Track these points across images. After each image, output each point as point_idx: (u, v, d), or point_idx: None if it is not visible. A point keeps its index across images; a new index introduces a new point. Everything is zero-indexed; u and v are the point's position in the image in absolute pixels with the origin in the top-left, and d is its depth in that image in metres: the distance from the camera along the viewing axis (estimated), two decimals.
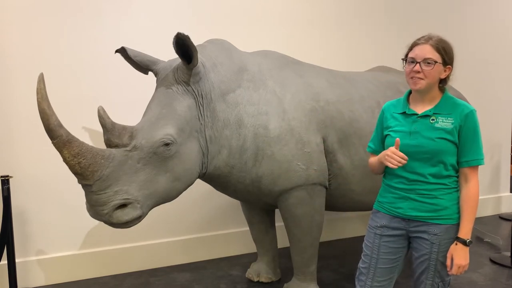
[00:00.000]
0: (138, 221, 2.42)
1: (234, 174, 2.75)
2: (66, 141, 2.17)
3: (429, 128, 1.93)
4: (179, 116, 2.49)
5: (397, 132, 2.01)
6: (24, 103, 3.37)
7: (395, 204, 2.03)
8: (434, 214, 1.94)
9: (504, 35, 5.58)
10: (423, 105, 2.00)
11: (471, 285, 3.38)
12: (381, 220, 2.08)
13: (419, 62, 1.90)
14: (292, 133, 2.76)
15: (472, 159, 1.92)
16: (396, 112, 2.07)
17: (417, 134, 1.94)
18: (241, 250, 4.20)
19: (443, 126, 1.91)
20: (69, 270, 3.58)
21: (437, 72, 1.92)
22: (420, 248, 1.99)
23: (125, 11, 3.63)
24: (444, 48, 1.93)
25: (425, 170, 1.93)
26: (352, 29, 4.56)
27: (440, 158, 1.91)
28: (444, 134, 1.90)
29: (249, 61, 2.88)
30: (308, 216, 2.90)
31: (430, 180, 1.93)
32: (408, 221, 2.01)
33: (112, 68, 3.55)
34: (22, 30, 3.35)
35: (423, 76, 1.90)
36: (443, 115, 1.94)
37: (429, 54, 1.90)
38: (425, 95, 1.98)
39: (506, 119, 5.68)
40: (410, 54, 1.96)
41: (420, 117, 1.97)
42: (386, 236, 2.06)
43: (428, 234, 1.95)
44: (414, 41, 1.99)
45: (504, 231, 4.83)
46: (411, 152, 1.93)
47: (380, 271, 2.08)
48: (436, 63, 1.90)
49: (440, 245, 1.94)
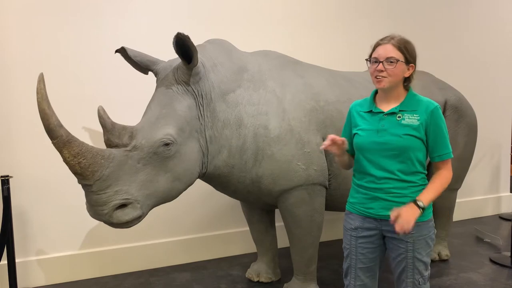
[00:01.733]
0: (138, 221, 2.42)
1: (234, 174, 2.75)
2: (66, 141, 2.17)
3: (396, 125, 1.98)
4: (179, 116, 2.49)
5: (364, 130, 2.05)
6: (24, 103, 3.37)
7: (366, 204, 2.06)
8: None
9: (504, 35, 5.58)
10: (388, 103, 2.04)
11: (471, 285, 3.38)
12: (354, 222, 2.11)
13: (381, 61, 1.95)
14: (292, 133, 2.76)
15: (444, 153, 1.99)
16: (362, 111, 2.11)
17: (384, 132, 1.99)
18: (241, 250, 4.20)
19: (410, 122, 1.96)
20: (69, 270, 3.58)
21: (400, 70, 1.96)
22: (396, 248, 2.03)
23: (125, 11, 3.63)
24: (406, 47, 1.98)
25: (393, 167, 1.97)
26: (352, 29, 4.56)
27: (407, 155, 1.96)
28: (410, 131, 1.95)
29: (249, 61, 2.88)
30: (308, 216, 2.90)
31: (399, 177, 1.97)
32: (381, 221, 2.04)
33: (112, 68, 3.55)
34: (22, 30, 3.35)
35: (386, 74, 1.95)
36: (408, 112, 1.99)
37: (391, 53, 1.95)
38: (390, 93, 2.02)
39: (506, 119, 5.68)
40: (373, 54, 2.01)
41: (387, 115, 2.01)
42: (361, 237, 2.09)
43: (402, 234, 1.98)
44: (377, 41, 2.04)
45: (504, 231, 4.83)
46: (379, 149, 1.99)
47: (361, 270, 2.12)
48: (398, 62, 1.94)
49: (414, 243, 1.98)
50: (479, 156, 5.34)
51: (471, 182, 5.34)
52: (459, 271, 3.67)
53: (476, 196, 5.52)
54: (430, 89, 3.69)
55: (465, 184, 4.36)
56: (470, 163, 3.95)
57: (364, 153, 2.05)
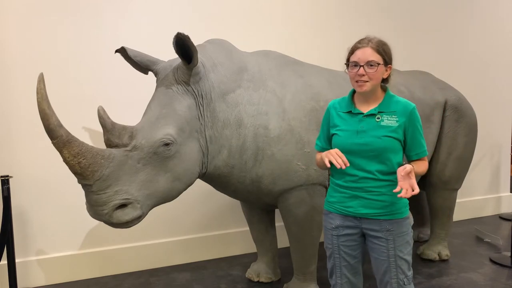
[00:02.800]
0: (138, 221, 2.42)
1: (234, 174, 2.75)
2: (66, 141, 2.17)
3: (375, 127, 2.01)
4: (179, 116, 2.49)
5: (344, 131, 2.06)
6: (24, 103, 3.37)
7: (345, 203, 2.08)
8: (383, 210, 2.01)
9: (505, 35, 5.58)
10: (367, 104, 2.06)
11: (471, 285, 3.38)
12: (334, 221, 2.13)
13: (362, 65, 1.96)
14: (292, 133, 2.76)
15: (421, 151, 2.05)
16: (342, 111, 2.12)
17: (364, 133, 2.01)
18: (241, 250, 4.20)
19: (388, 124, 2.00)
20: (69, 270, 3.58)
21: (380, 73, 1.99)
22: (377, 247, 2.05)
23: (125, 11, 3.63)
24: (384, 49, 2.01)
25: (372, 167, 2.00)
26: (352, 29, 4.56)
27: (386, 155, 1.99)
28: (389, 132, 1.99)
29: (249, 61, 2.88)
30: (308, 216, 2.90)
31: (378, 176, 2.00)
32: (360, 219, 2.07)
33: (112, 68, 3.55)
34: (21, 30, 3.35)
35: (367, 78, 1.97)
36: (387, 113, 2.02)
37: (371, 57, 1.96)
38: (370, 95, 2.05)
39: (506, 119, 5.68)
40: (352, 58, 2.02)
41: (366, 116, 2.03)
42: (342, 236, 2.12)
43: (382, 232, 2.02)
44: (355, 44, 2.05)
45: (504, 231, 4.83)
46: (358, 150, 2.01)
47: (346, 268, 2.15)
48: (379, 65, 1.97)
49: (394, 240, 2.01)
50: (479, 156, 5.34)
51: (471, 182, 5.34)
52: (459, 271, 3.67)
53: (476, 196, 5.52)
54: (430, 89, 3.69)
55: (465, 184, 4.36)
56: (470, 163, 3.95)
57: (344, 153, 2.05)
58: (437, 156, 3.72)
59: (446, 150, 3.70)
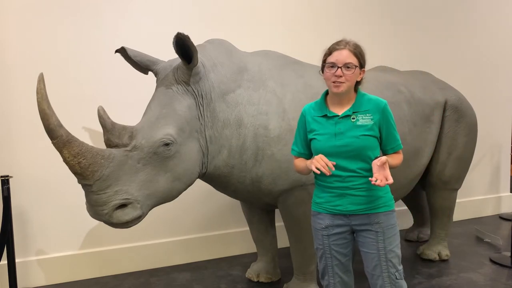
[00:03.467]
0: (138, 221, 2.42)
1: (234, 174, 2.75)
2: (66, 141, 2.17)
3: (351, 127, 2.04)
4: (179, 116, 2.49)
5: (322, 135, 2.09)
6: (24, 103, 3.37)
7: (333, 202, 2.10)
8: (371, 205, 2.05)
9: (505, 36, 5.58)
10: (341, 106, 2.10)
11: (471, 285, 3.38)
12: (324, 221, 2.15)
13: (340, 66, 1.99)
14: (292, 133, 2.76)
15: (396, 145, 2.12)
16: (317, 116, 2.14)
17: (342, 135, 2.04)
18: (241, 250, 4.20)
19: (364, 123, 2.04)
20: (69, 270, 3.58)
21: (355, 75, 2.03)
22: (367, 241, 2.08)
23: (125, 11, 3.63)
24: (360, 52, 2.06)
25: (354, 166, 2.04)
26: (352, 29, 4.56)
27: (365, 153, 2.03)
28: (365, 131, 2.03)
29: (249, 61, 2.88)
30: (308, 216, 2.86)
31: (362, 174, 2.04)
32: (350, 216, 2.09)
33: (112, 68, 3.55)
34: (21, 30, 3.35)
35: (344, 80, 2.00)
36: (361, 112, 2.06)
37: (349, 59, 2.00)
38: (344, 97, 2.08)
39: (506, 119, 5.68)
40: (330, 59, 2.04)
41: (341, 118, 2.07)
42: (332, 235, 2.13)
43: (371, 225, 2.06)
44: (332, 45, 2.08)
45: (504, 231, 4.83)
46: (339, 152, 2.04)
47: (338, 267, 2.17)
48: (356, 67, 2.01)
49: (384, 232, 2.05)
50: (479, 156, 5.34)
51: (471, 182, 5.34)
52: (459, 271, 3.67)
53: (476, 196, 5.52)
54: (430, 89, 3.69)
55: (465, 184, 4.35)
56: (470, 163, 3.95)
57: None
58: (437, 156, 3.72)
59: (446, 150, 3.70)
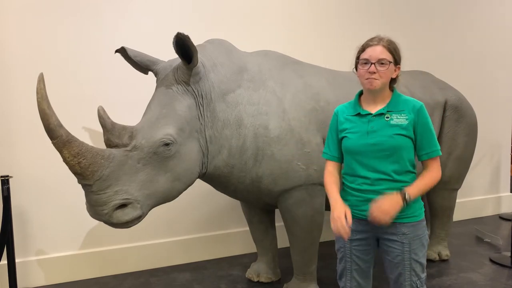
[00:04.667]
0: (138, 221, 2.42)
1: (234, 174, 2.75)
2: (66, 141, 2.17)
3: (385, 126, 1.98)
4: (179, 116, 2.49)
5: (354, 133, 2.03)
6: (24, 103, 3.37)
7: (359, 207, 2.04)
8: (399, 214, 1.94)
9: (505, 35, 5.58)
10: (375, 104, 2.04)
11: (471, 285, 3.38)
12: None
13: (373, 62, 1.94)
14: (292, 133, 2.76)
15: (431, 151, 1.98)
16: (349, 115, 2.10)
17: (375, 133, 1.98)
18: (241, 250, 4.20)
19: (398, 122, 1.96)
20: (69, 270, 3.58)
21: (390, 72, 1.98)
22: (392, 250, 2.01)
23: (125, 11, 3.63)
24: (394, 48, 2.00)
25: (387, 168, 1.96)
26: (352, 29, 4.56)
27: (399, 154, 1.96)
28: (400, 130, 1.95)
29: (249, 61, 2.88)
30: (308, 216, 2.90)
31: (393, 177, 1.96)
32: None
33: (112, 68, 3.55)
34: (21, 30, 3.35)
35: (378, 76, 1.95)
36: (396, 112, 1.99)
37: (383, 55, 1.95)
38: (378, 94, 2.02)
39: (506, 119, 5.68)
40: (363, 55, 2.00)
41: (375, 116, 2.01)
42: (355, 240, 2.08)
43: (397, 235, 1.98)
44: (366, 42, 2.04)
45: (504, 231, 4.83)
46: (370, 151, 1.98)
47: (357, 272, 2.12)
48: (390, 63, 1.96)
49: (410, 243, 1.97)
50: (479, 156, 5.34)
51: (471, 182, 5.33)
52: (459, 271, 3.67)
53: (476, 196, 5.52)
54: (430, 89, 3.69)
55: (465, 184, 4.35)
56: (470, 163, 3.95)
57: (355, 156, 2.04)
58: None
59: (446, 150, 3.70)
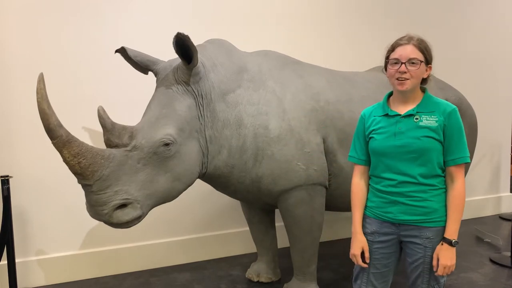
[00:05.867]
0: (138, 221, 2.42)
1: (234, 174, 2.75)
2: (66, 141, 2.17)
3: (413, 127, 1.91)
4: (179, 116, 2.49)
5: (381, 134, 1.98)
6: (24, 103, 3.37)
7: (384, 208, 2.00)
8: (425, 217, 1.92)
9: (505, 35, 5.58)
10: (405, 105, 1.98)
11: (471, 285, 3.38)
12: (371, 226, 2.05)
13: (404, 62, 1.89)
14: (292, 133, 2.76)
15: (458, 157, 1.90)
16: (377, 115, 2.05)
17: (402, 134, 1.92)
18: (241, 250, 4.20)
19: (428, 124, 1.90)
20: (69, 270, 3.58)
21: (421, 71, 1.92)
22: (413, 253, 1.97)
23: (125, 11, 3.63)
24: (425, 47, 1.94)
25: (413, 171, 1.90)
26: (352, 29, 4.56)
27: (427, 157, 1.89)
28: (429, 132, 1.89)
29: (249, 61, 2.88)
30: (308, 216, 2.90)
31: (419, 180, 1.90)
32: (399, 225, 1.98)
33: (112, 68, 3.55)
34: (22, 30, 3.35)
35: (409, 76, 1.89)
36: (426, 113, 1.92)
37: (413, 54, 1.90)
38: (409, 95, 1.96)
39: (506, 119, 5.68)
40: (393, 55, 1.94)
41: (404, 117, 1.95)
42: (377, 242, 2.04)
43: (421, 239, 1.93)
44: (395, 41, 1.98)
45: (504, 231, 4.83)
46: (397, 152, 1.92)
47: (374, 276, 2.08)
48: (421, 63, 1.90)
49: (433, 248, 1.92)
50: (479, 156, 5.34)
51: (471, 182, 5.34)
52: (459, 271, 3.67)
53: (476, 196, 5.52)
54: (430, 89, 3.68)
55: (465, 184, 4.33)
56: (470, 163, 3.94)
57: (381, 157, 1.99)
58: None
59: None
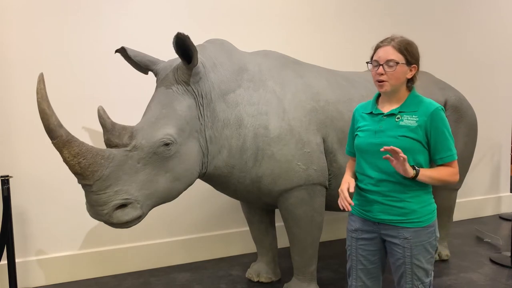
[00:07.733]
0: (138, 221, 2.42)
1: (234, 174, 2.75)
2: (66, 141, 2.17)
3: (394, 127, 1.94)
4: (179, 116, 2.49)
5: (364, 132, 2.04)
6: (24, 103, 3.37)
7: (365, 207, 2.05)
8: (402, 218, 1.94)
9: (505, 36, 5.58)
10: (390, 105, 2.01)
11: (471, 285, 3.38)
12: (355, 224, 2.11)
13: (382, 64, 1.91)
14: (292, 133, 2.76)
15: (445, 156, 1.92)
16: (364, 112, 2.10)
17: (382, 133, 1.96)
18: (241, 250, 4.20)
19: (407, 124, 1.91)
20: (69, 270, 3.58)
21: (400, 73, 1.91)
22: (394, 253, 2.00)
23: (125, 11, 3.63)
24: (406, 48, 1.93)
25: (391, 168, 1.90)
26: (352, 29, 4.56)
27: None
28: (407, 132, 1.90)
29: (249, 61, 2.88)
30: (308, 216, 2.90)
31: (397, 179, 1.92)
32: (379, 224, 2.02)
33: (112, 68, 3.55)
34: (22, 30, 3.35)
35: (386, 78, 1.91)
36: (408, 113, 1.94)
37: (391, 56, 1.90)
38: (393, 96, 1.99)
39: (506, 119, 5.68)
40: (374, 56, 1.97)
41: (386, 116, 1.98)
42: (361, 239, 2.09)
43: (399, 239, 1.95)
44: (377, 43, 2.00)
45: (504, 231, 4.83)
46: (375, 150, 1.94)
47: (362, 272, 2.11)
48: (398, 64, 1.90)
49: (412, 248, 1.94)
50: (479, 156, 5.34)
51: (471, 182, 5.33)
52: (459, 271, 3.67)
53: (476, 196, 5.52)
54: (430, 89, 3.68)
55: (465, 184, 4.35)
56: (470, 163, 3.95)
57: (363, 154, 2.04)
58: None
59: None
